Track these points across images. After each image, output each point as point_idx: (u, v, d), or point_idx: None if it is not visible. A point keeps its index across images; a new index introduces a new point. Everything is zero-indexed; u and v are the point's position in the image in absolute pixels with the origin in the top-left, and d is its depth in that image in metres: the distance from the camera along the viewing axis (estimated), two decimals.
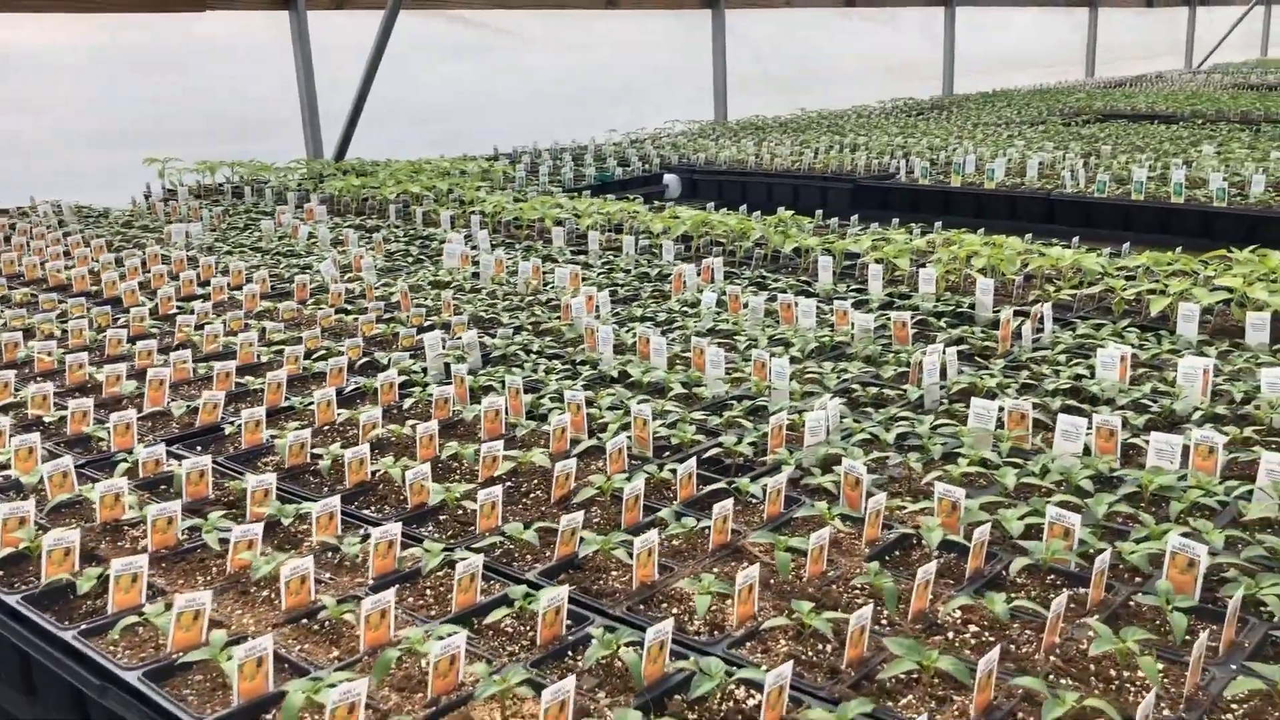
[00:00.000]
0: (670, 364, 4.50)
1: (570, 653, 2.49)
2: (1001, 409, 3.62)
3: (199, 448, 3.78)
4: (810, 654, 2.46)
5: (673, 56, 14.86)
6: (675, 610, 2.66)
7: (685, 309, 5.38)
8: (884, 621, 2.55)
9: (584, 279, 5.96)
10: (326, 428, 3.94)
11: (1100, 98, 16.17)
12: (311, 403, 3.99)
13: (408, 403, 4.12)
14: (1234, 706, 2.24)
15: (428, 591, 2.79)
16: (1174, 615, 2.42)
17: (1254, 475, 3.09)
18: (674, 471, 3.24)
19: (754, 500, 3.20)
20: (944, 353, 4.24)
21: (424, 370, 4.46)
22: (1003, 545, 2.88)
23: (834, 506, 3.07)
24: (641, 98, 14.15)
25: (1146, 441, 3.32)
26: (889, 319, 4.79)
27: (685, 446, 3.59)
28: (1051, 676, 2.32)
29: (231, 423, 3.90)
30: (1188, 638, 2.40)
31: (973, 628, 2.54)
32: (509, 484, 3.41)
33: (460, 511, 3.22)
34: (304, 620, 2.64)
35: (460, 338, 4.69)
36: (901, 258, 5.74)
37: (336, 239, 7.17)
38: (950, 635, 2.50)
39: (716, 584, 2.58)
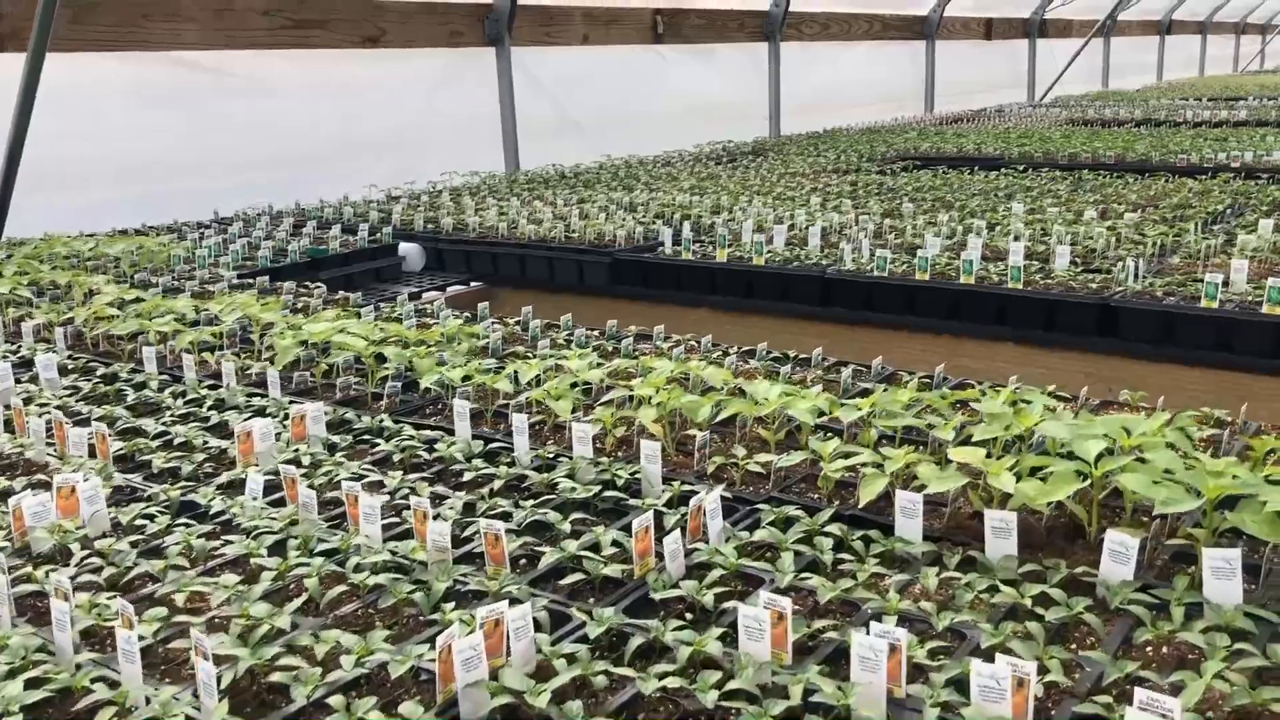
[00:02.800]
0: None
1: None
2: None
3: None
4: None
5: (459, 100, 13.16)
6: None
7: (227, 497, 3.67)
8: None
9: (131, 433, 4.21)
10: None
11: (930, 137, 15.11)
12: None
13: None
14: None
15: None
16: None
17: None
18: None
19: None
20: (505, 616, 2.62)
21: None
22: None
23: None
24: (421, 147, 12.43)
25: None
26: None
27: None
28: None
29: None
30: None
31: None
32: None
33: None
34: None
35: None
36: (564, 401, 4.14)
37: None
38: None
39: None
